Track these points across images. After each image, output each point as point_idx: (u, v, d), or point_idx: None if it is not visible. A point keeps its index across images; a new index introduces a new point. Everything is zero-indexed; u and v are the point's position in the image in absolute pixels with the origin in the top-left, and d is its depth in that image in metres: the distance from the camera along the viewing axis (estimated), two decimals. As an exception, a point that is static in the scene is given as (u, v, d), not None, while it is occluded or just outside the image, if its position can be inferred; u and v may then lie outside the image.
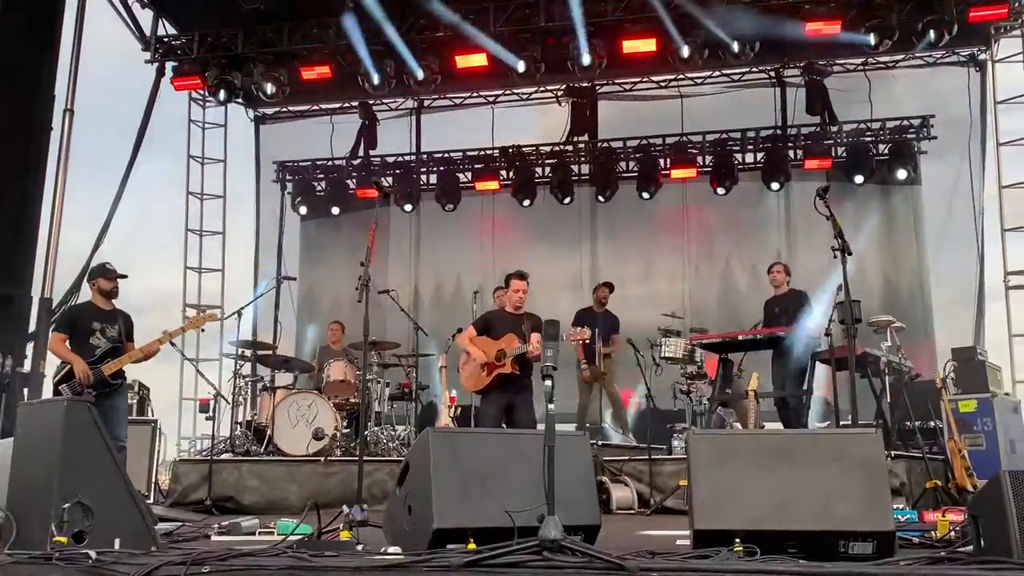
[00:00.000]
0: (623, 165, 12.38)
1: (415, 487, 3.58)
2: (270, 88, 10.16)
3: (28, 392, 7.86)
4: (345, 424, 8.13)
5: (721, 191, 11.72)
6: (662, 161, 12.12)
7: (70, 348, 6.04)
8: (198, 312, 8.82)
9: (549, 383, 3.18)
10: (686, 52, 9.37)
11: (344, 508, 4.27)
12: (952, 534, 3.98)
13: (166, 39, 10.54)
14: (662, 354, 8.12)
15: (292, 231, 13.18)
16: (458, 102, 12.57)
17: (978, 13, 9.02)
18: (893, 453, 6.39)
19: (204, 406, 9.09)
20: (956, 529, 4.01)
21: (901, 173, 11.32)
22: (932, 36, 8.91)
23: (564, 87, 11.85)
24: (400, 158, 12.87)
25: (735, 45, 9.24)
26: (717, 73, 11.45)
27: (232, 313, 7.74)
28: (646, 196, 11.92)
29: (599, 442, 8.50)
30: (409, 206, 12.61)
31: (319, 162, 12.94)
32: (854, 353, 5.33)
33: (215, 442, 7.75)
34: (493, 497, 3.43)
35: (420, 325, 8.76)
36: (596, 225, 12.42)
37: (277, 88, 10.19)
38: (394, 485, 3.87)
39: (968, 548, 3.34)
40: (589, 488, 3.93)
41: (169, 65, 10.46)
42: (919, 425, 7.19)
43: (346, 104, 12.47)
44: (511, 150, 12.35)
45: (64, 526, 3.26)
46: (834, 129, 11.59)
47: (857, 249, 6.36)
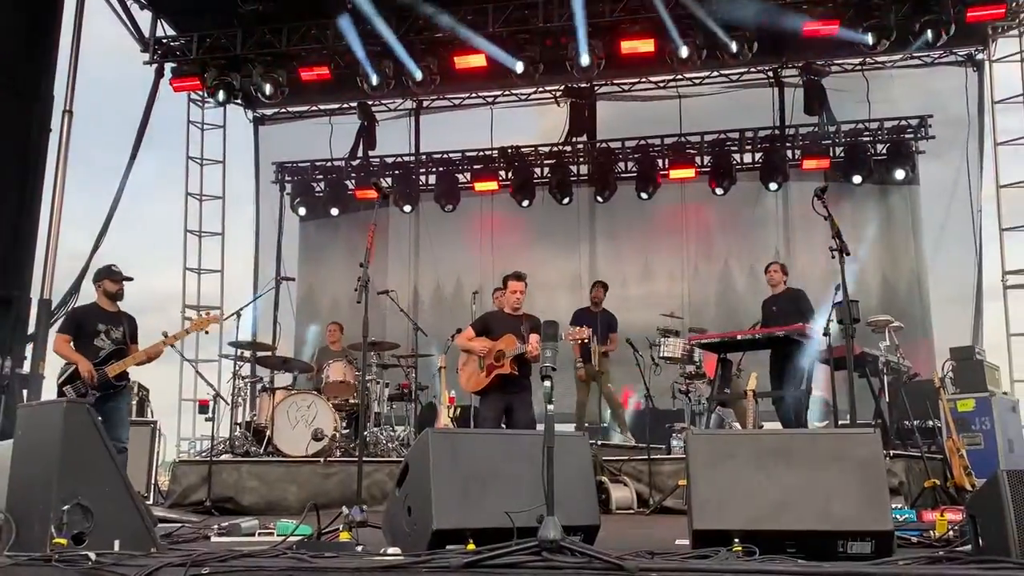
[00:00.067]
0: (622, 165, 12.40)
1: (414, 488, 3.58)
2: (269, 89, 10.18)
3: (27, 393, 7.86)
4: (344, 425, 8.13)
5: (719, 191, 11.74)
6: (661, 161, 12.13)
7: (74, 349, 6.04)
8: (203, 314, 8.83)
9: (548, 384, 3.18)
10: (684, 52, 9.37)
11: (344, 509, 4.26)
12: (951, 533, 3.97)
13: (165, 40, 10.54)
14: (661, 354, 8.14)
15: (291, 232, 13.19)
16: (457, 103, 12.58)
17: (976, 13, 9.04)
18: (892, 452, 6.41)
19: (203, 407, 9.11)
20: (955, 528, 4.01)
21: (899, 173, 11.33)
22: (930, 36, 8.93)
23: (563, 88, 11.87)
24: (399, 159, 12.88)
25: (733, 45, 9.24)
26: (715, 73, 11.46)
27: (231, 314, 7.74)
28: (645, 196, 11.94)
29: (598, 442, 8.51)
30: (408, 207, 12.61)
31: (318, 163, 12.95)
32: (852, 353, 5.33)
33: (214, 443, 7.75)
34: (492, 498, 3.43)
35: (419, 326, 8.76)
36: (595, 225, 12.43)
37: (276, 89, 10.21)
38: (393, 486, 3.87)
39: (966, 547, 3.34)
40: (588, 488, 3.93)
41: (168, 66, 10.47)
42: (917, 424, 7.20)
43: (345, 105, 12.47)
44: (510, 151, 12.36)
45: (64, 528, 3.25)
46: (832, 129, 11.61)
47: (855, 249, 6.37)
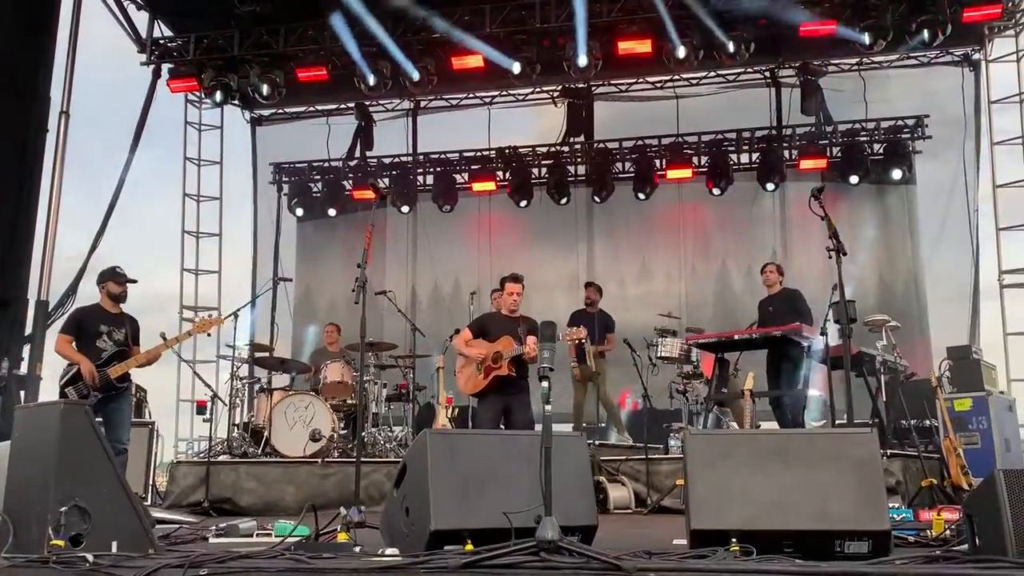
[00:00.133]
0: (619, 166, 12.41)
1: (412, 488, 3.58)
2: (266, 90, 10.18)
3: (24, 395, 7.85)
4: (342, 425, 8.12)
5: (717, 191, 11.75)
6: (658, 162, 12.15)
7: (76, 350, 6.02)
8: (208, 315, 8.82)
9: (546, 384, 3.18)
10: (682, 53, 9.38)
11: (342, 509, 4.26)
12: (947, 533, 3.98)
13: (162, 41, 10.54)
14: (658, 354, 8.14)
15: (289, 232, 13.18)
16: (454, 103, 12.58)
17: (972, 13, 9.07)
18: (889, 452, 6.42)
19: (201, 408, 9.09)
20: (951, 528, 4.01)
21: (896, 173, 11.34)
22: (926, 36, 8.96)
23: (560, 88, 11.88)
24: (397, 159, 12.88)
25: (731, 45, 9.26)
26: (712, 74, 11.47)
27: (230, 315, 7.73)
28: (642, 196, 11.95)
29: (596, 442, 8.51)
30: (406, 207, 12.61)
31: (316, 163, 12.95)
32: (849, 352, 5.34)
33: (212, 444, 7.75)
34: (490, 498, 3.43)
35: (417, 326, 8.76)
36: (592, 226, 12.44)
37: (273, 90, 10.21)
38: (391, 487, 3.87)
39: (963, 547, 3.34)
40: (586, 488, 3.93)
41: (165, 67, 10.47)
42: (915, 424, 7.20)
43: (342, 105, 12.46)
44: (507, 151, 12.36)
45: (61, 529, 3.25)
46: (829, 129, 11.63)
47: (852, 249, 6.37)
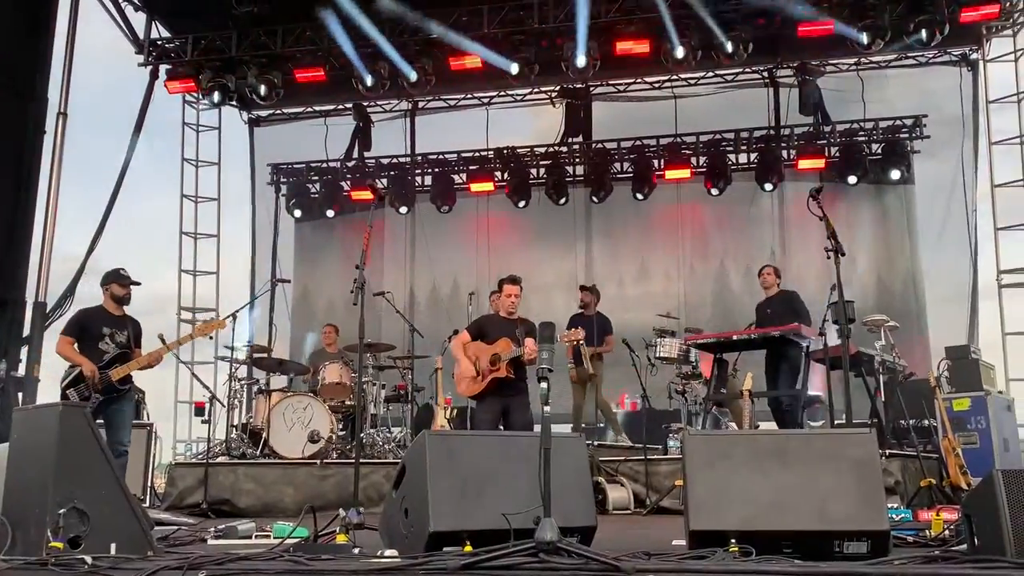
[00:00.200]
0: (617, 166, 12.40)
1: (411, 490, 3.57)
2: (264, 90, 10.18)
3: (23, 396, 7.85)
4: (341, 427, 8.11)
5: (715, 191, 11.76)
6: (656, 162, 12.15)
7: (78, 351, 6.00)
8: (208, 318, 8.81)
9: (545, 385, 3.18)
10: (680, 53, 9.39)
11: (340, 511, 4.26)
12: (946, 533, 3.98)
13: (159, 42, 10.55)
14: (657, 354, 8.14)
15: (287, 233, 13.17)
16: (452, 104, 12.58)
17: (970, 13, 9.09)
18: (888, 452, 6.42)
19: (200, 409, 9.09)
20: (950, 528, 4.01)
21: (894, 173, 11.35)
22: (924, 36, 8.96)
23: (558, 88, 11.89)
24: (395, 160, 12.88)
25: (729, 45, 9.26)
26: (710, 74, 11.47)
27: (229, 315, 7.72)
28: (640, 197, 11.95)
29: (595, 442, 8.51)
30: (404, 208, 12.61)
31: (314, 164, 12.94)
32: (848, 352, 5.34)
33: (211, 445, 7.74)
34: (489, 500, 3.43)
35: (415, 327, 8.75)
36: (591, 226, 12.44)
37: (271, 90, 10.21)
38: (390, 488, 3.87)
39: (962, 547, 3.34)
40: (585, 489, 3.92)
41: (163, 68, 10.48)
42: (913, 424, 7.20)
43: (340, 106, 12.46)
44: (506, 151, 12.36)
45: (60, 531, 3.25)
46: (827, 129, 11.64)
47: (851, 249, 6.38)
